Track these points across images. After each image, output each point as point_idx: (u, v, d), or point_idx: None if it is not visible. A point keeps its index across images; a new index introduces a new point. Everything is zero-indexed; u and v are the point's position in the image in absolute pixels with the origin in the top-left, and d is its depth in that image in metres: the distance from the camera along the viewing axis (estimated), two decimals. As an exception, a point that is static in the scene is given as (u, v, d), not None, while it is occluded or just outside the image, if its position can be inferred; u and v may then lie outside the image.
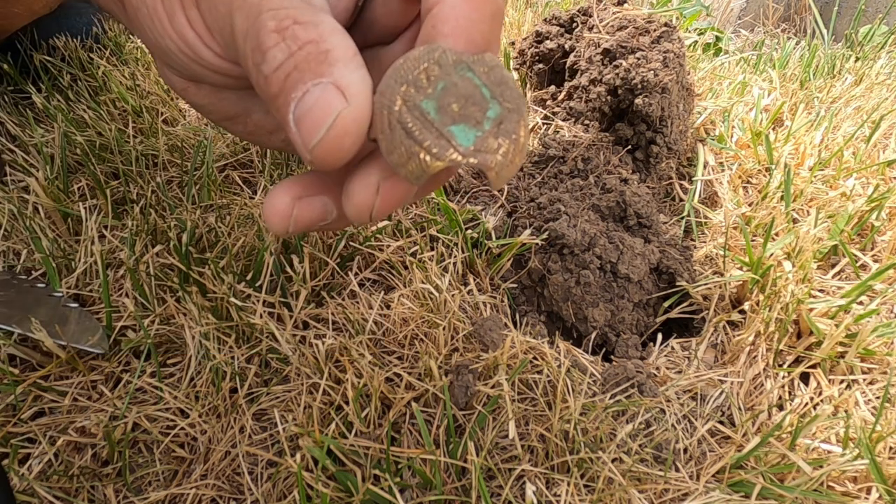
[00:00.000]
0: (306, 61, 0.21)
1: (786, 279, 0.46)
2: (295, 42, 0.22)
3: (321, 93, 0.21)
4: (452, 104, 0.21)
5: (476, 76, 0.21)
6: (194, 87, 0.33)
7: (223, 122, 0.35)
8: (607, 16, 0.64)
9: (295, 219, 0.26)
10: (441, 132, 0.20)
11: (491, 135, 0.21)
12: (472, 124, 0.21)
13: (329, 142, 0.21)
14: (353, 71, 0.21)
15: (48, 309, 0.42)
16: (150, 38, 0.29)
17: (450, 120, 0.20)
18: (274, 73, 0.22)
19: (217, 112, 0.34)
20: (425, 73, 0.21)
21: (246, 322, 0.42)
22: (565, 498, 0.35)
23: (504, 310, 0.47)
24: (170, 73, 0.32)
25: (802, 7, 1.69)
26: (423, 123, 0.21)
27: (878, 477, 0.35)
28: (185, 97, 0.34)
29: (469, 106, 0.21)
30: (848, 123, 0.69)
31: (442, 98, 0.21)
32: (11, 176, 0.54)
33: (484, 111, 0.21)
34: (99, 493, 0.36)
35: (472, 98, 0.21)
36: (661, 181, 0.60)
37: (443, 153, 0.20)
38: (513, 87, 0.22)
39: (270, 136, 0.35)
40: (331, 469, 0.35)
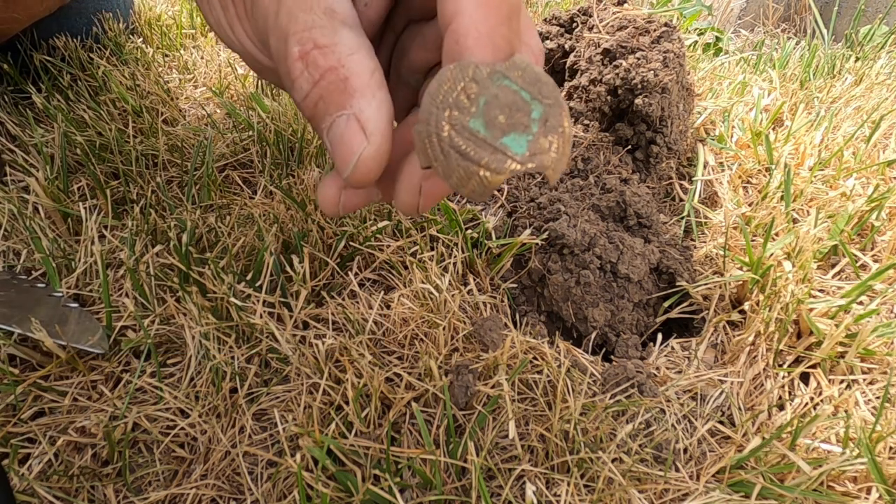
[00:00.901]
0: (329, 92, 0.24)
1: (786, 279, 0.46)
2: (317, 70, 0.24)
3: (345, 126, 0.24)
4: (499, 116, 0.21)
5: (513, 82, 0.22)
6: None
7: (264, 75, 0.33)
8: (607, 16, 0.64)
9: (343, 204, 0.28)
10: (495, 147, 0.21)
11: (541, 135, 0.21)
12: (521, 131, 0.21)
13: (357, 175, 0.24)
14: (370, 102, 0.24)
15: (48, 309, 0.42)
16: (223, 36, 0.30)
17: (500, 133, 0.21)
18: (304, 102, 0.24)
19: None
20: (464, 93, 0.21)
21: (246, 322, 0.42)
22: (565, 498, 0.35)
23: (504, 310, 0.47)
24: None
25: (802, 7, 1.69)
26: (476, 142, 0.21)
27: (878, 477, 0.35)
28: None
29: (514, 113, 0.21)
30: (848, 123, 0.69)
31: (487, 113, 0.21)
32: (11, 176, 0.54)
33: (529, 114, 0.21)
34: (99, 493, 0.36)
35: (514, 105, 0.21)
36: (661, 181, 0.60)
37: (501, 166, 0.21)
38: (547, 81, 0.22)
39: None
40: (331, 469, 0.35)
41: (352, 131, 0.24)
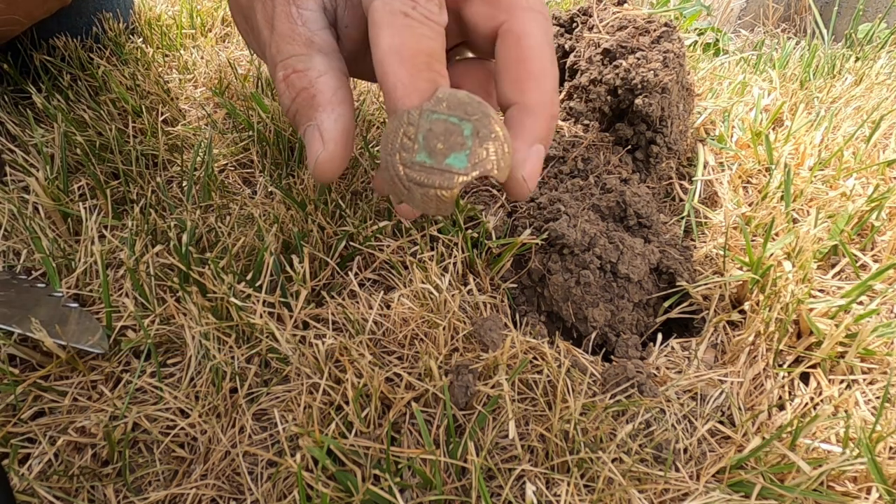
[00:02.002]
0: (302, 106, 0.30)
1: (786, 279, 0.46)
2: (293, 90, 0.30)
3: (311, 134, 0.30)
4: (437, 145, 0.25)
5: (440, 113, 0.26)
6: None
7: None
8: (607, 16, 0.64)
9: None
10: (442, 169, 0.25)
11: (476, 146, 0.25)
12: (459, 149, 0.25)
13: (316, 173, 0.30)
14: (329, 115, 0.29)
15: (48, 309, 0.42)
16: None
17: (442, 157, 0.25)
18: (287, 114, 0.31)
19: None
20: (405, 136, 0.26)
21: (246, 322, 0.42)
22: (565, 498, 0.35)
23: (504, 310, 0.47)
24: None
25: (802, 7, 1.69)
26: (426, 171, 0.25)
27: (878, 477, 0.35)
28: None
29: (449, 137, 0.25)
30: (848, 123, 0.69)
31: (427, 145, 0.26)
32: (11, 176, 0.54)
33: (462, 134, 0.26)
34: (99, 493, 0.36)
35: (448, 131, 0.26)
36: (661, 181, 0.60)
37: (452, 182, 0.25)
38: (470, 100, 0.26)
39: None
40: (331, 469, 0.35)
41: (314, 138, 0.29)
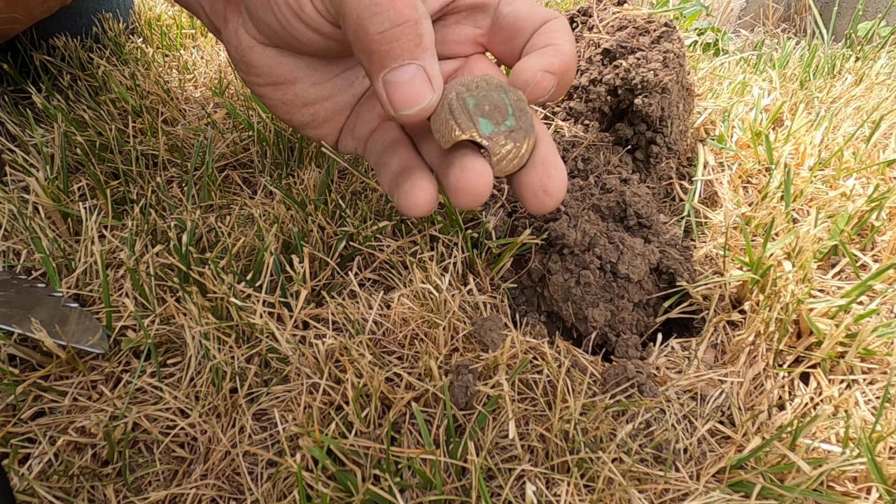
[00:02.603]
0: (406, 37, 0.29)
1: (786, 279, 0.46)
2: (400, 16, 0.28)
3: (415, 74, 0.29)
4: (485, 105, 0.30)
5: (507, 98, 0.30)
6: (260, 48, 0.38)
7: (265, 88, 0.39)
8: (607, 16, 0.64)
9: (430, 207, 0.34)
10: (471, 117, 0.29)
11: (503, 134, 0.30)
12: (493, 122, 0.30)
13: (418, 116, 0.30)
14: (436, 63, 0.30)
15: (48, 309, 0.42)
16: None
17: (480, 113, 0.29)
18: (380, 35, 0.28)
19: (268, 75, 0.39)
20: (475, 84, 0.30)
21: (246, 322, 0.42)
22: (565, 498, 0.35)
23: (504, 310, 0.47)
24: (244, 31, 0.37)
25: (802, 7, 1.69)
26: (462, 110, 0.30)
27: (878, 477, 0.35)
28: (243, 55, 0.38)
29: (495, 111, 0.30)
30: (848, 123, 0.69)
31: (480, 100, 0.30)
32: (11, 176, 0.54)
33: (504, 118, 0.30)
34: (99, 493, 0.36)
35: (499, 108, 0.30)
36: (661, 181, 0.60)
37: (466, 129, 0.29)
38: (530, 114, 0.31)
39: (301, 109, 0.40)
40: (331, 469, 0.35)
41: (420, 80, 0.29)
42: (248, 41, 0.38)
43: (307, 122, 0.41)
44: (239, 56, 0.39)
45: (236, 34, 0.38)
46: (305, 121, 0.41)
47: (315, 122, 0.41)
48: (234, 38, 0.38)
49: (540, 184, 0.32)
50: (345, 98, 0.41)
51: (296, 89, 0.39)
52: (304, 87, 0.39)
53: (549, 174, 0.32)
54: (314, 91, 0.40)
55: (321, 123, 0.41)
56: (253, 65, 0.38)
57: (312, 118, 0.41)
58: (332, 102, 0.41)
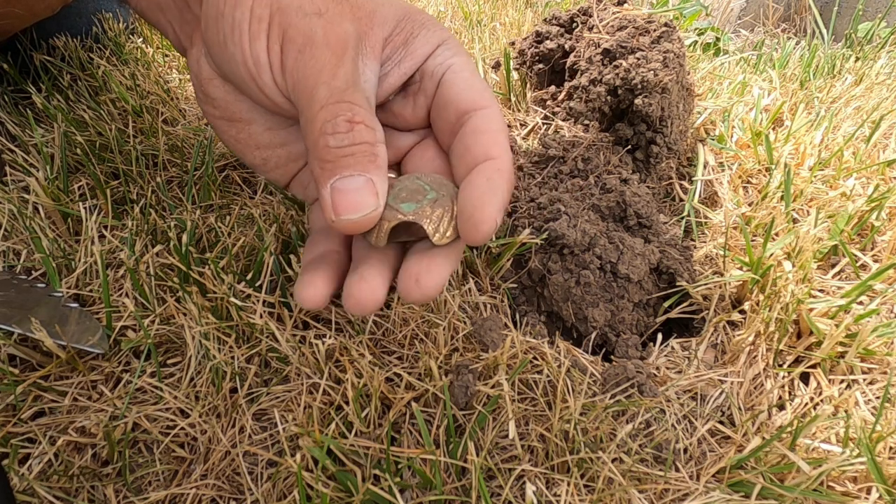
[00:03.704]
0: (362, 154, 0.31)
1: (786, 279, 0.46)
2: (359, 137, 0.31)
3: (363, 185, 0.30)
4: (402, 193, 0.32)
5: (422, 180, 0.33)
6: (219, 80, 0.37)
7: (220, 121, 0.39)
8: (607, 16, 0.64)
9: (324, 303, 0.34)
10: (394, 207, 0.31)
11: (427, 206, 0.31)
12: (414, 201, 0.32)
13: (360, 223, 0.31)
14: (384, 178, 0.31)
15: (48, 309, 0.42)
16: (216, 38, 0.34)
17: (399, 200, 0.32)
18: (337, 149, 0.30)
19: (225, 109, 0.38)
20: (390, 185, 0.32)
21: (246, 322, 0.42)
22: (565, 498, 0.35)
23: (504, 310, 0.47)
24: (206, 62, 0.36)
25: (802, 7, 1.69)
26: (388, 206, 0.32)
27: (878, 477, 0.35)
28: (203, 86, 0.37)
29: (414, 194, 0.32)
30: (848, 123, 0.69)
31: (397, 192, 0.32)
32: (11, 176, 0.54)
33: (424, 196, 0.32)
34: (99, 493, 0.36)
35: (416, 190, 0.32)
36: (661, 181, 0.60)
37: (392, 218, 0.31)
38: (448, 184, 0.33)
39: (254, 150, 0.39)
40: (331, 469, 0.35)
41: (368, 190, 0.30)
42: (208, 72, 0.37)
43: (258, 165, 0.40)
44: (198, 84, 0.38)
45: (198, 62, 0.37)
46: (257, 163, 0.40)
47: (266, 166, 0.40)
48: (195, 65, 0.37)
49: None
50: (299, 148, 0.40)
51: (250, 130, 0.39)
52: (259, 129, 0.39)
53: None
54: (268, 136, 0.39)
55: (272, 168, 0.40)
56: (211, 96, 0.37)
57: (264, 162, 0.40)
58: (286, 150, 0.40)
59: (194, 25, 0.37)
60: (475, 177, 0.32)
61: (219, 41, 0.33)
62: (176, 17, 0.39)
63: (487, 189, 0.31)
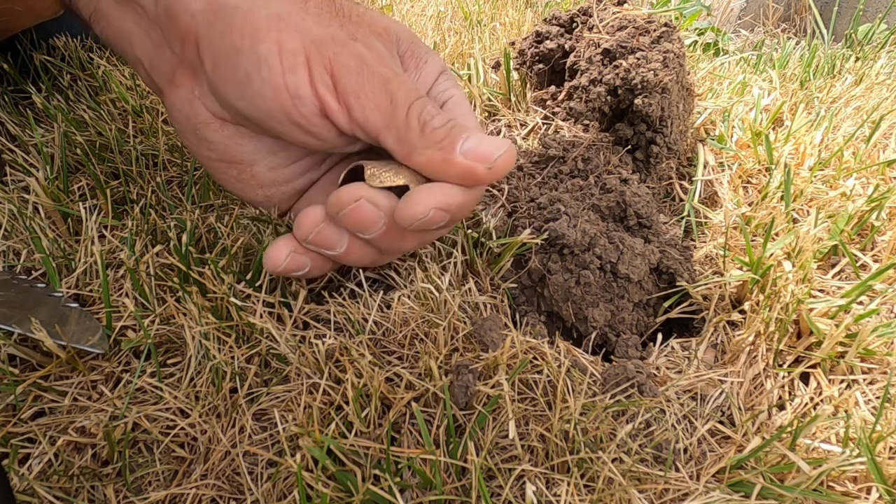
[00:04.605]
0: (457, 125, 0.35)
1: (786, 279, 0.46)
2: (446, 115, 0.35)
3: (482, 136, 0.34)
4: None
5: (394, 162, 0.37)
6: (218, 124, 0.37)
7: (218, 163, 0.39)
8: (607, 16, 0.64)
9: (285, 266, 0.38)
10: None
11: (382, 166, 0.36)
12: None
13: (510, 156, 0.35)
14: None
15: (48, 309, 0.42)
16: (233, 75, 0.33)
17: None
18: (443, 127, 0.34)
19: (223, 153, 0.38)
20: None
21: (246, 322, 0.42)
22: (565, 498, 0.35)
23: (504, 310, 0.47)
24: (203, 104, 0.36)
25: (802, 7, 1.69)
26: None
27: (878, 477, 0.35)
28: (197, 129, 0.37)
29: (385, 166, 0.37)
30: (848, 123, 0.69)
31: None
32: (11, 176, 0.54)
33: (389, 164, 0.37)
34: (99, 493, 0.36)
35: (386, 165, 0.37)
36: (661, 181, 0.60)
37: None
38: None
39: (256, 189, 0.40)
40: (331, 469, 0.35)
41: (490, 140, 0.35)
42: (204, 116, 0.36)
43: (261, 202, 0.41)
44: (190, 127, 0.37)
45: (190, 104, 0.36)
46: (259, 200, 0.41)
47: (269, 202, 0.41)
48: (185, 107, 0.36)
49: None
50: (301, 183, 0.41)
51: (252, 171, 0.39)
52: (262, 170, 0.39)
53: None
54: (272, 175, 0.39)
55: (274, 204, 0.42)
56: (207, 140, 0.37)
57: (268, 199, 0.41)
58: (290, 187, 0.40)
59: (174, 65, 0.36)
60: None
61: (237, 79, 0.33)
62: (148, 52, 0.37)
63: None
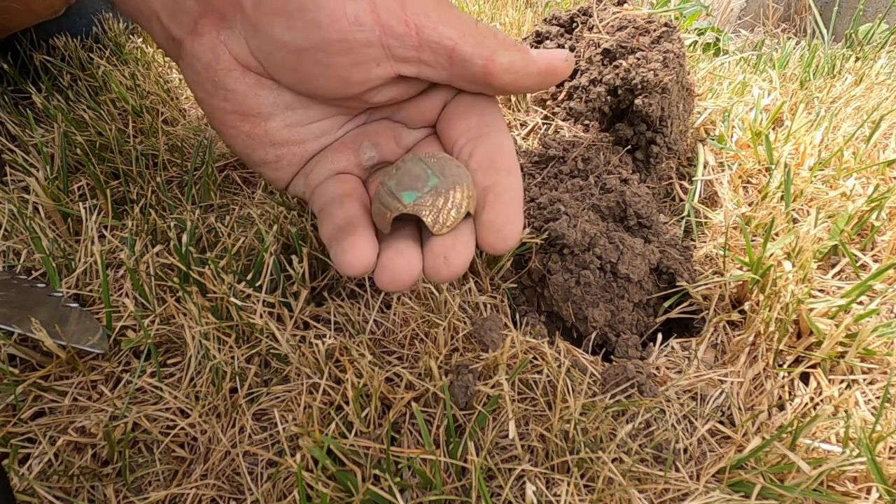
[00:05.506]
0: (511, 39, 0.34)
1: (786, 279, 0.46)
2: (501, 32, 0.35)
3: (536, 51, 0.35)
4: (405, 179, 0.33)
5: (424, 163, 0.34)
6: (240, 71, 0.36)
7: (232, 116, 0.37)
8: (607, 16, 0.64)
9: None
10: (395, 196, 0.32)
11: (428, 195, 0.32)
12: (415, 190, 0.32)
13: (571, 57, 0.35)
14: None
15: (48, 309, 0.42)
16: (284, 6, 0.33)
17: (402, 188, 0.33)
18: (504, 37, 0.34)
19: (241, 103, 0.37)
20: (395, 167, 0.34)
21: (246, 322, 0.42)
22: (565, 498, 0.35)
23: (504, 310, 0.47)
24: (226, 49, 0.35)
25: (802, 7, 1.69)
26: (387, 193, 0.33)
27: (878, 477, 0.35)
28: (216, 75, 0.36)
29: (416, 181, 0.33)
30: (848, 123, 0.69)
31: (400, 178, 0.33)
32: (11, 176, 0.54)
33: (425, 183, 0.33)
34: (99, 493, 0.36)
35: (418, 176, 0.33)
36: (661, 181, 0.60)
37: (394, 209, 0.32)
38: (453, 167, 0.34)
39: (267, 147, 0.39)
40: (331, 469, 0.35)
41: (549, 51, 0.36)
42: (227, 62, 0.35)
43: (269, 162, 0.39)
44: (208, 75, 0.36)
45: (213, 50, 0.35)
46: (268, 159, 0.39)
47: (278, 163, 0.39)
48: (207, 54, 0.35)
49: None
50: (314, 146, 0.39)
51: (267, 126, 0.37)
52: (277, 126, 0.37)
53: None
54: (286, 133, 0.38)
55: (283, 166, 0.39)
56: (226, 88, 0.36)
57: (277, 159, 0.39)
58: (302, 149, 0.39)
59: (197, 14, 0.35)
60: (502, 192, 0.34)
61: (287, 11, 0.32)
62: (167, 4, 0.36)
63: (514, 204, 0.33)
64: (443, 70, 0.35)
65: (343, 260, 0.32)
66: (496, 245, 0.33)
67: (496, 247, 0.33)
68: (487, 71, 0.34)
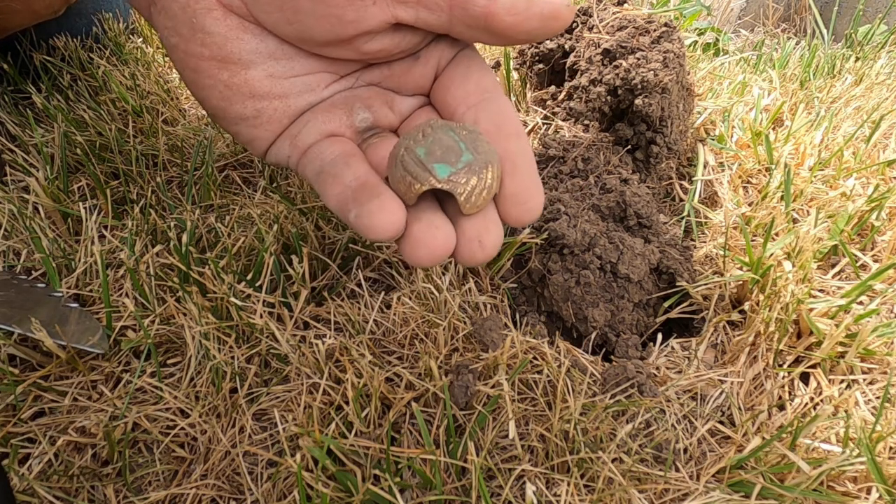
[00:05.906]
0: None
1: (786, 279, 0.46)
2: None
3: None
4: (437, 150, 0.30)
5: (456, 135, 0.31)
6: (221, 11, 0.33)
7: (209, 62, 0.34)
8: (607, 16, 0.64)
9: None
10: (426, 167, 0.29)
11: (462, 172, 0.29)
12: (448, 164, 0.30)
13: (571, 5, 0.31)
14: None
15: (48, 309, 0.42)
16: None
17: (433, 159, 0.30)
18: None
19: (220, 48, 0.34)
20: (422, 132, 0.31)
21: (246, 322, 0.42)
22: (565, 498, 0.35)
23: (504, 310, 0.47)
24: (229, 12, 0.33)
25: (802, 7, 1.69)
26: (415, 162, 0.30)
27: (878, 477, 0.35)
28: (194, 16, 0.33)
29: (448, 153, 0.30)
30: (848, 123, 0.69)
31: (430, 147, 0.30)
32: (11, 176, 0.54)
33: (459, 157, 0.30)
34: (99, 493, 0.36)
35: (451, 149, 0.30)
36: (661, 181, 0.60)
37: (425, 181, 0.29)
38: (485, 143, 0.31)
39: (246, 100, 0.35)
40: (331, 469, 0.35)
41: None
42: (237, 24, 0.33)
43: (246, 117, 0.35)
44: (185, 17, 0.33)
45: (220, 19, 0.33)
46: (246, 114, 0.35)
47: (257, 119, 0.35)
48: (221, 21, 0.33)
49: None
50: (299, 103, 0.36)
51: (247, 75, 0.34)
52: (258, 75, 0.34)
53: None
54: (268, 84, 0.35)
55: (262, 123, 0.36)
56: (205, 31, 0.33)
57: (256, 114, 0.35)
58: (284, 104, 0.36)
59: None
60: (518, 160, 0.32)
61: None
62: None
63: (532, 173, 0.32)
64: (442, 13, 0.32)
65: (371, 223, 0.29)
66: (522, 217, 0.31)
67: (522, 219, 0.32)
68: (489, 12, 0.31)
